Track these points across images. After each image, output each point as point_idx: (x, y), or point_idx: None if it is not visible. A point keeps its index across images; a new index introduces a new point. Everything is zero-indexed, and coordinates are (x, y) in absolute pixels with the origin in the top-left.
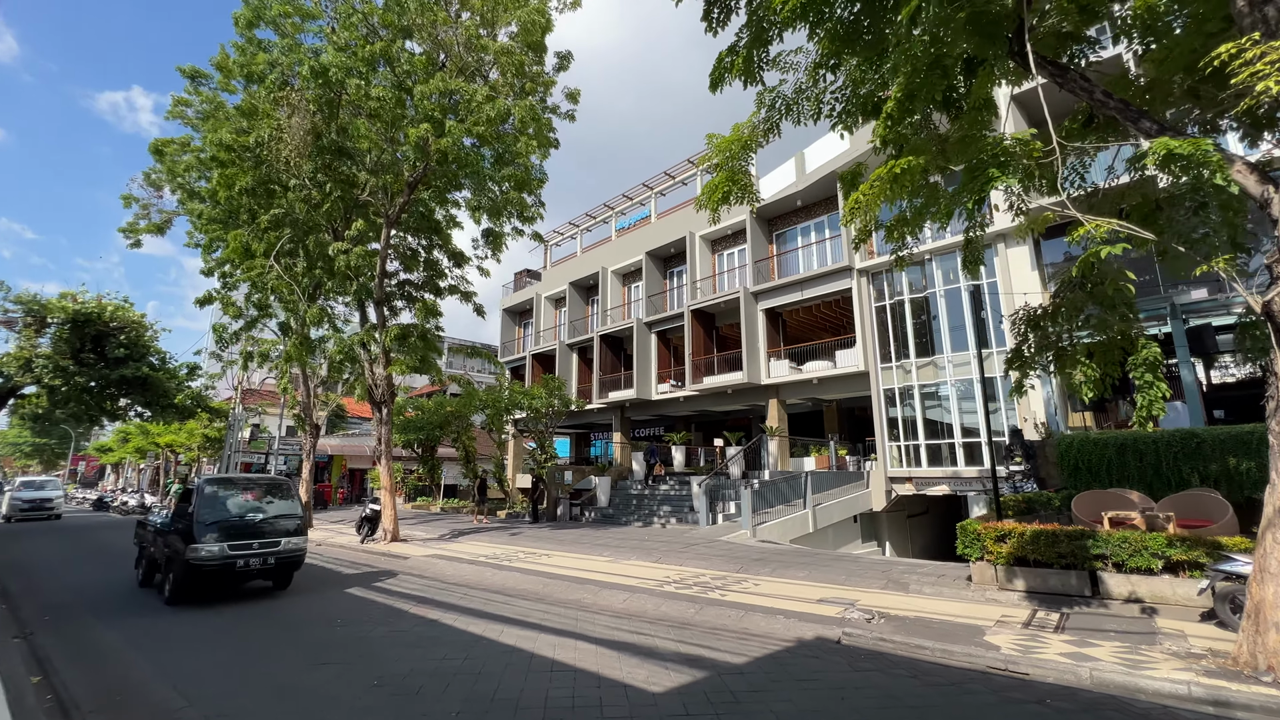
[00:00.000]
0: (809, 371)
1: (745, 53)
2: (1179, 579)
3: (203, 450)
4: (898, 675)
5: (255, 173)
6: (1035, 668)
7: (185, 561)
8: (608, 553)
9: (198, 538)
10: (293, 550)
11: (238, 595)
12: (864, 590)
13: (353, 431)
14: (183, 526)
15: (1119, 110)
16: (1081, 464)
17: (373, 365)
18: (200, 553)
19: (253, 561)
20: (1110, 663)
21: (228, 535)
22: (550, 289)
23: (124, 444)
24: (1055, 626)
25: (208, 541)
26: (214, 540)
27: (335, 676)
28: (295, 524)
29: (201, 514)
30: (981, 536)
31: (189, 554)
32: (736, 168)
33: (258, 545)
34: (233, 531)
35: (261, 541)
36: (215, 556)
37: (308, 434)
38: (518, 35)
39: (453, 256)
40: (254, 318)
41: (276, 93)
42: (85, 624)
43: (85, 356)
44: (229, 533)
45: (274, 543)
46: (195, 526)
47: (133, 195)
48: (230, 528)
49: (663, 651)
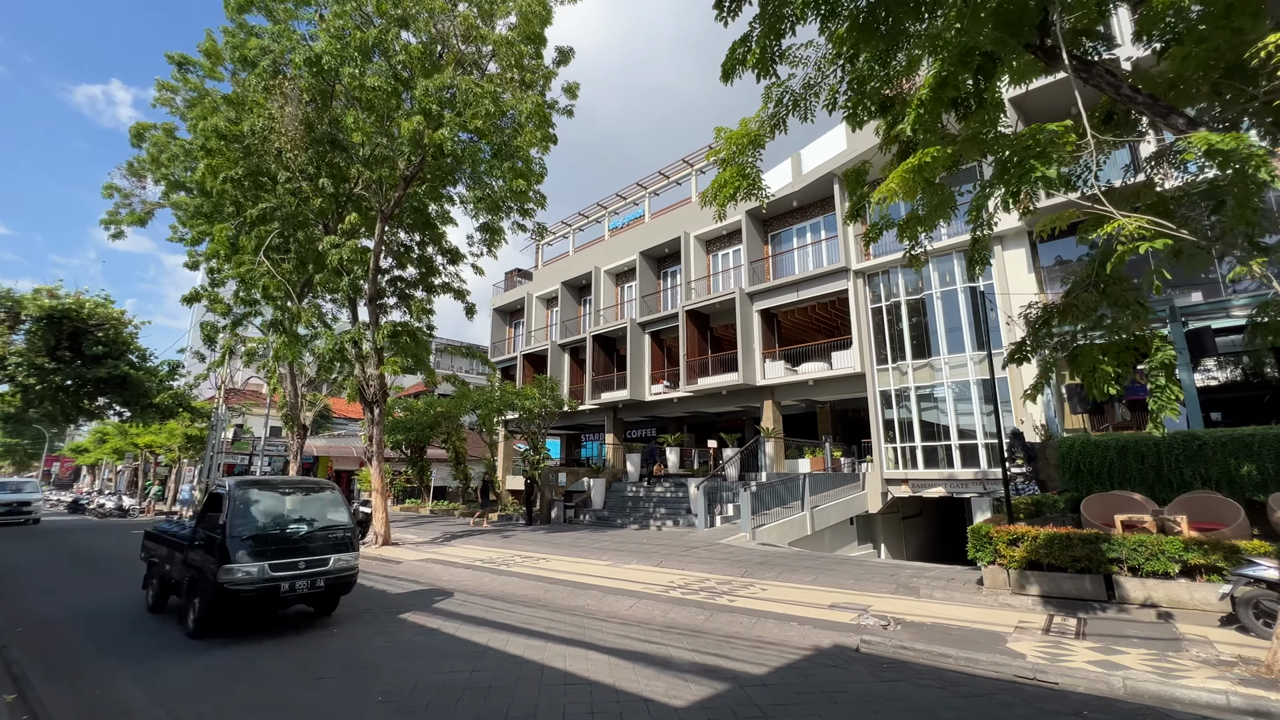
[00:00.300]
0: (804, 373)
1: (762, 42)
2: (1196, 583)
3: (184, 451)
4: (925, 685)
5: (245, 163)
6: (1065, 677)
7: (217, 585)
8: (607, 556)
9: (232, 555)
10: (344, 569)
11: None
12: (875, 595)
13: (339, 432)
14: (212, 541)
15: (1148, 105)
16: (1083, 466)
17: (364, 364)
18: (236, 574)
19: (299, 584)
20: (1142, 671)
21: (268, 552)
22: (542, 288)
23: (101, 445)
24: (1076, 633)
25: (244, 560)
26: (252, 558)
27: (334, 691)
28: (346, 536)
29: (236, 526)
30: (994, 540)
31: (222, 576)
32: (745, 163)
33: (304, 564)
34: (274, 547)
35: (308, 559)
36: (254, 579)
37: (295, 434)
38: (517, 26)
39: (447, 253)
40: (241, 314)
41: (269, 80)
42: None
43: (62, 354)
44: (270, 549)
45: (322, 560)
46: (228, 541)
47: (115, 185)
48: (271, 543)
49: (678, 662)
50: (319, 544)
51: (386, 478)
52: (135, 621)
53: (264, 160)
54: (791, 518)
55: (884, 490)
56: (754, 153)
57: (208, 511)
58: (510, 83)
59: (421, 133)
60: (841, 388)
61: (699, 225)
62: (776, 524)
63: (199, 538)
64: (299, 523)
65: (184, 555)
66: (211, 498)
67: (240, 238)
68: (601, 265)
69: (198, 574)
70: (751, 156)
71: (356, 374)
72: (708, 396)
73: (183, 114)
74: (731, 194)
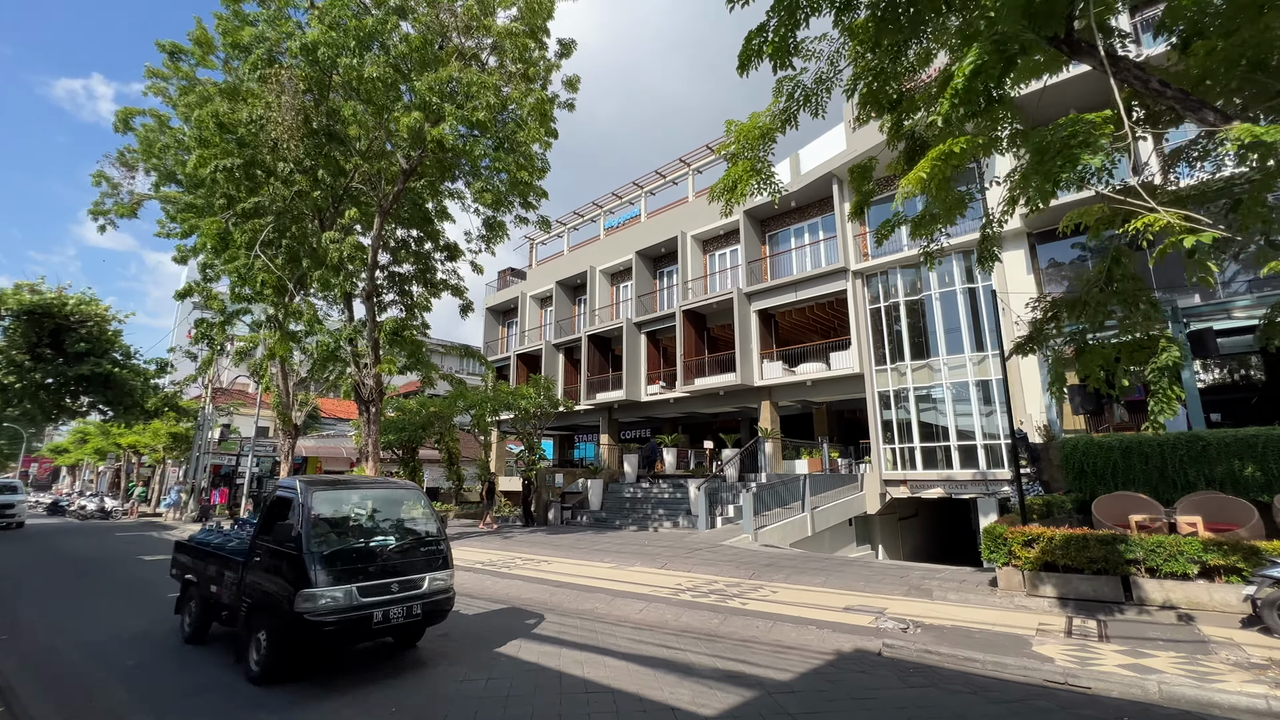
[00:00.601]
0: (802, 374)
1: (780, 31)
2: (1214, 584)
3: (168, 451)
4: (956, 691)
5: (240, 153)
6: (1097, 681)
7: (294, 617)
8: (609, 558)
9: (312, 578)
10: (441, 592)
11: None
12: (888, 597)
13: (327, 433)
14: (282, 558)
15: (1178, 100)
16: (1086, 467)
17: (359, 363)
18: (319, 602)
19: (393, 613)
20: (1176, 675)
21: (355, 572)
22: (536, 288)
23: (81, 445)
24: (1099, 635)
25: (327, 584)
26: (336, 581)
27: (347, 705)
28: (439, 550)
29: (314, 540)
30: (1009, 541)
31: (300, 604)
32: (756, 157)
33: (397, 587)
34: (361, 567)
35: (401, 581)
36: (341, 608)
37: (286, 434)
38: (519, 19)
39: (445, 249)
40: (234, 310)
41: (264, 69)
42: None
43: (43, 351)
44: (356, 569)
45: (416, 582)
46: (306, 559)
47: (104, 174)
48: (356, 561)
49: (700, 668)
50: (411, 561)
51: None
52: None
53: (259, 152)
54: (793, 519)
55: (882, 491)
56: (765, 147)
57: (271, 520)
58: (512, 76)
59: (422, 128)
60: (840, 388)
61: (696, 225)
62: (778, 525)
63: (261, 553)
64: (385, 534)
65: (239, 575)
66: (275, 503)
67: (232, 232)
68: (597, 265)
69: (262, 600)
70: (763, 150)
71: (351, 372)
72: (704, 397)
73: (175, 103)
74: (745, 189)
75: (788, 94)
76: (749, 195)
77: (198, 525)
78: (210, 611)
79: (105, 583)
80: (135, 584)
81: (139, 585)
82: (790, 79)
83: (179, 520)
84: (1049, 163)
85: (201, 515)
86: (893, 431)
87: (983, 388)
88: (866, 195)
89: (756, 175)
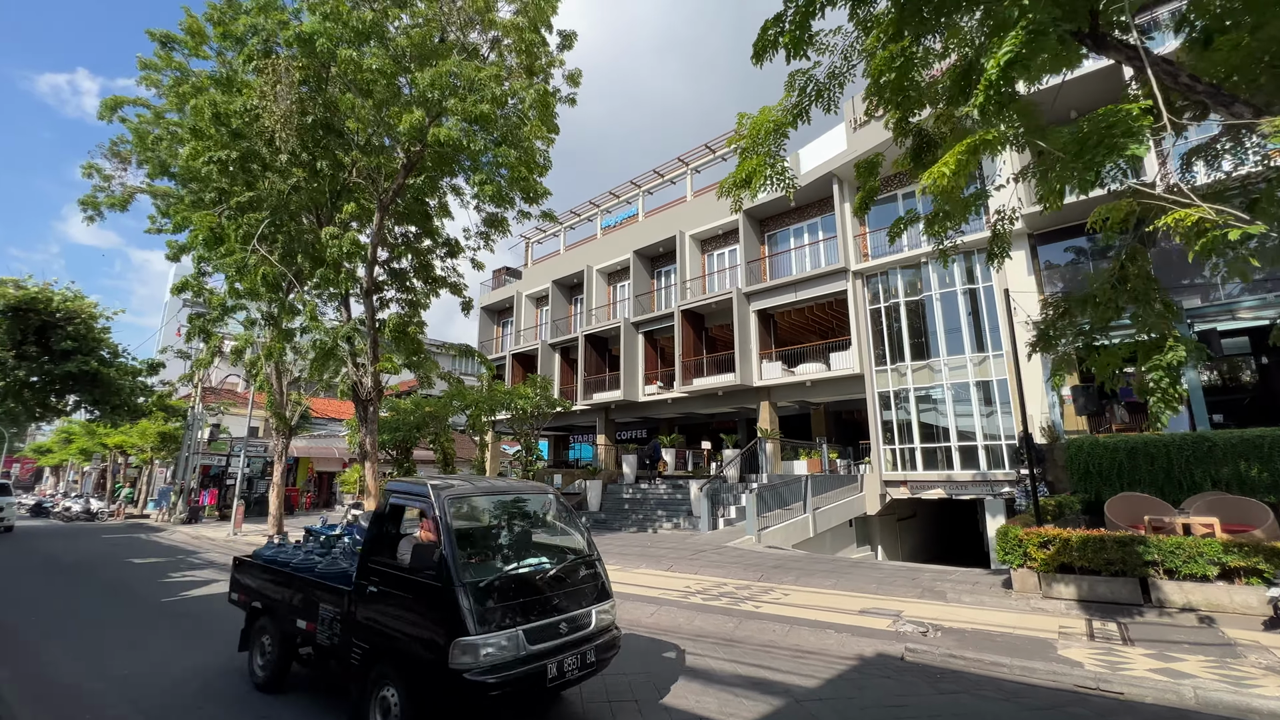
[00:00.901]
0: (802, 374)
1: (798, 20)
2: (1235, 586)
3: (157, 451)
4: (987, 697)
5: (236, 145)
6: (1130, 687)
7: (448, 674)
8: (614, 560)
9: (469, 621)
10: (606, 630)
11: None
12: (901, 600)
13: (318, 433)
14: (420, 592)
15: (1208, 94)
16: (1092, 468)
17: (356, 361)
18: (482, 654)
19: (568, 664)
20: (1210, 680)
21: (516, 609)
22: (532, 287)
23: (66, 445)
24: (1122, 638)
25: (490, 628)
26: (500, 625)
27: None
28: (598, 575)
29: (465, 567)
30: (1024, 543)
31: (458, 658)
32: (770, 150)
33: (566, 627)
34: (524, 602)
35: (569, 619)
36: (509, 660)
37: (280, 434)
38: (523, 12)
39: (446, 244)
40: (230, 306)
41: (260, 60)
42: None
43: (27, 349)
44: (518, 605)
45: (582, 620)
46: (459, 593)
47: (96, 165)
48: (517, 594)
49: (721, 674)
50: (574, 590)
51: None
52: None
53: (254, 144)
54: (795, 520)
55: (882, 492)
56: (778, 141)
57: (384, 535)
58: (514, 70)
59: (424, 127)
60: (839, 389)
61: (694, 225)
62: (781, 526)
63: (379, 580)
64: (538, 555)
65: (344, 609)
66: (390, 513)
67: (226, 226)
68: (594, 264)
69: (388, 647)
70: (776, 144)
71: (349, 371)
72: (702, 397)
73: (168, 92)
74: (761, 182)
75: (799, 88)
76: (763, 188)
77: (188, 527)
78: (291, 651)
79: (130, 597)
80: (160, 600)
81: (162, 601)
82: (803, 73)
83: (167, 522)
84: (1090, 152)
85: (191, 517)
86: (893, 432)
87: (983, 388)
88: (872, 191)
89: (771, 169)
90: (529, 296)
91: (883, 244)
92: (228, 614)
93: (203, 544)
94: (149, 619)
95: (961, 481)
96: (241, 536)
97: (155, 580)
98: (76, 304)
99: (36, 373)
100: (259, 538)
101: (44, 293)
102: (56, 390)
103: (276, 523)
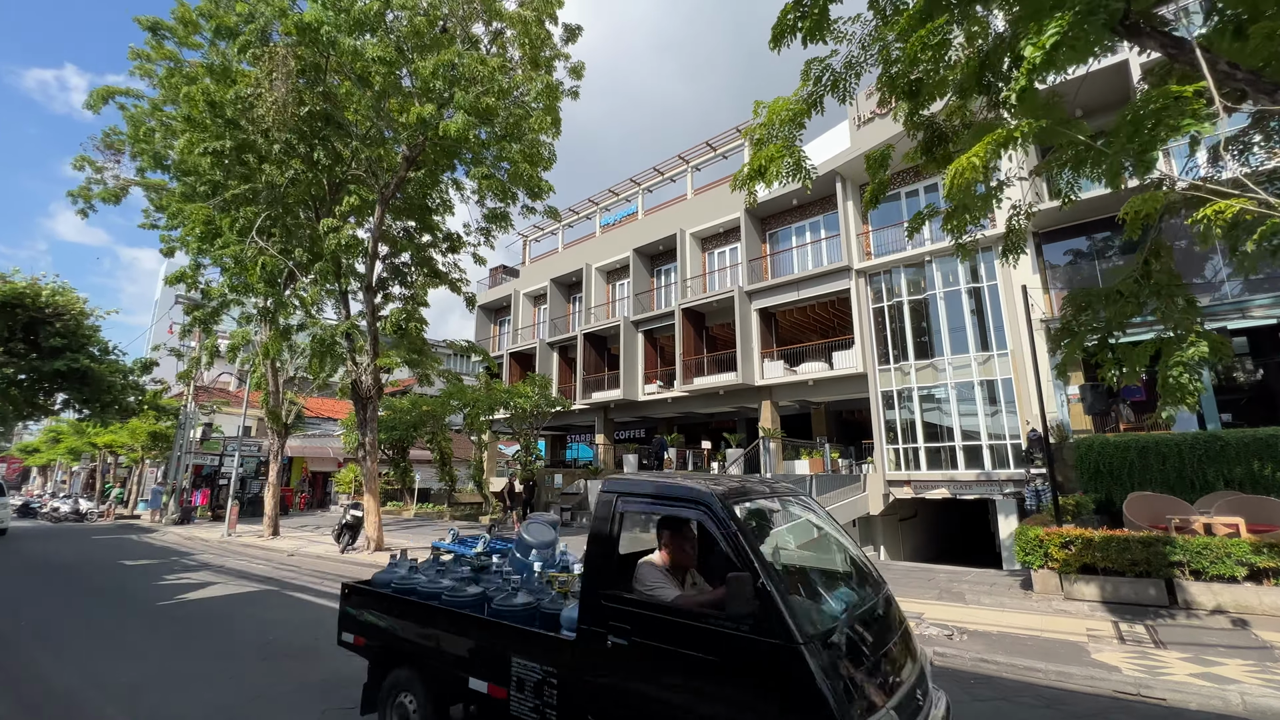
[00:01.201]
0: (804, 373)
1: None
2: (1263, 587)
3: (147, 451)
4: (1027, 704)
5: (231, 135)
6: (1172, 692)
7: None
8: None
9: (832, 698)
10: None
11: None
12: (920, 602)
13: (312, 432)
14: (720, 644)
15: (1249, 82)
16: (1102, 467)
17: (356, 358)
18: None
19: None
20: (1256, 685)
21: (877, 673)
22: (529, 285)
23: (54, 444)
24: (1153, 641)
25: (859, 710)
26: (870, 709)
27: None
28: (896, 608)
29: (796, 604)
30: (1044, 543)
31: None
32: (788, 138)
33: (921, 697)
34: (877, 661)
35: (919, 683)
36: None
37: (276, 434)
38: (528, 4)
39: (447, 239)
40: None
41: (257, 48)
42: None
43: (14, 346)
44: (875, 665)
45: (923, 679)
46: (809, 655)
47: (88, 158)
48: (859, 649)
49: None
50: (902, 635)
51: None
52: None
53: (249, 134)
54: None
55: (886, 492)
56: (795, 130)
57: (611, 554)
58: (519, 62)
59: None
60: (842, 388)
61: (695, 223)
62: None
63: (627, 624)
64: (848, 586)
65: (562, 669)
66: (623, 524)
67: (220, 220)
68: (593, 262)
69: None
70: (793, 133)
71: (349, 368)
72: (702, 397)
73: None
74: (779, 170)
75: (815, 78)
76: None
77: (180, 528)
78: (442, 708)
79: (122, 602)
80: (160, 601)
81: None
82: (819, 60)
83: (159, 522)
84: (1144, 132)
85: (183, 517)
86: (896, 432)
87: (987, 387)
88: (883, 185)
89: (789, 157)
90: (527, 295)
91: (885, 242)
92: (228, 617)
93: (196, 545)
94: (150, 622)
95: (965, 481)
96: (236, 537)
97: (150, 583)
98: (65, 298)
99: (24, 370)
100: (253, 539)
101: (32, 287)
102: (45, 388)
103: (272, 523)
